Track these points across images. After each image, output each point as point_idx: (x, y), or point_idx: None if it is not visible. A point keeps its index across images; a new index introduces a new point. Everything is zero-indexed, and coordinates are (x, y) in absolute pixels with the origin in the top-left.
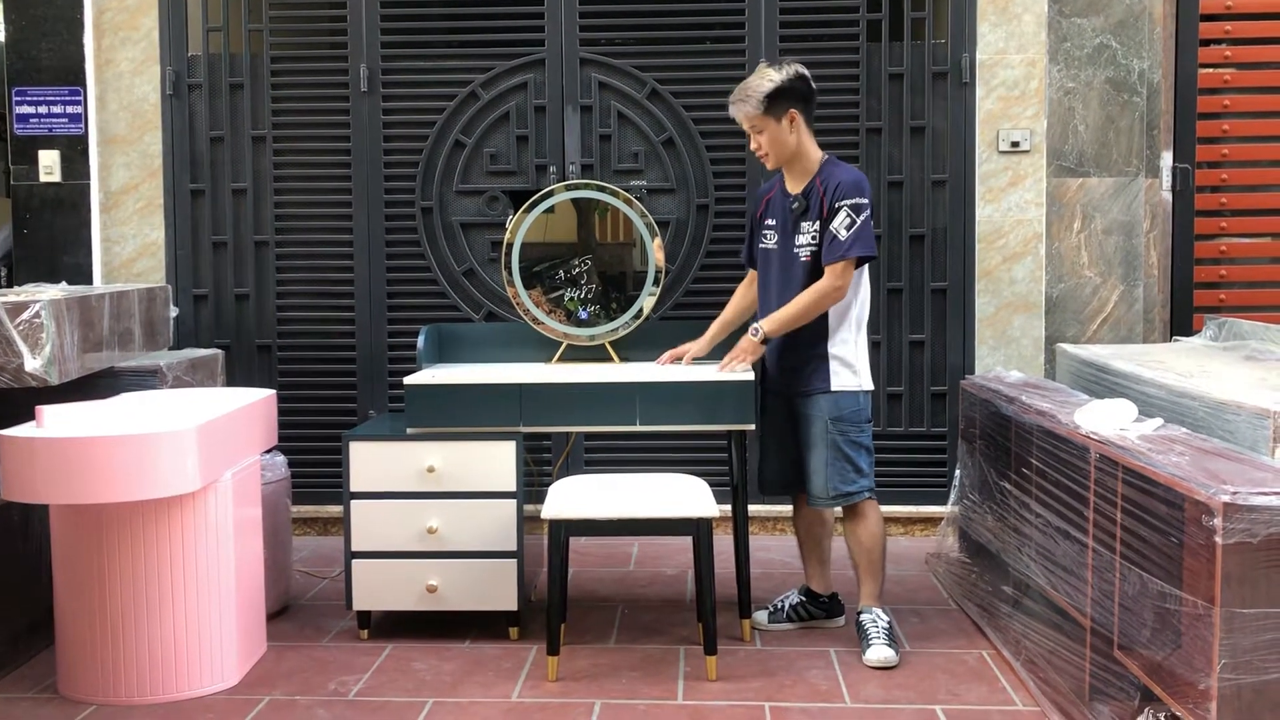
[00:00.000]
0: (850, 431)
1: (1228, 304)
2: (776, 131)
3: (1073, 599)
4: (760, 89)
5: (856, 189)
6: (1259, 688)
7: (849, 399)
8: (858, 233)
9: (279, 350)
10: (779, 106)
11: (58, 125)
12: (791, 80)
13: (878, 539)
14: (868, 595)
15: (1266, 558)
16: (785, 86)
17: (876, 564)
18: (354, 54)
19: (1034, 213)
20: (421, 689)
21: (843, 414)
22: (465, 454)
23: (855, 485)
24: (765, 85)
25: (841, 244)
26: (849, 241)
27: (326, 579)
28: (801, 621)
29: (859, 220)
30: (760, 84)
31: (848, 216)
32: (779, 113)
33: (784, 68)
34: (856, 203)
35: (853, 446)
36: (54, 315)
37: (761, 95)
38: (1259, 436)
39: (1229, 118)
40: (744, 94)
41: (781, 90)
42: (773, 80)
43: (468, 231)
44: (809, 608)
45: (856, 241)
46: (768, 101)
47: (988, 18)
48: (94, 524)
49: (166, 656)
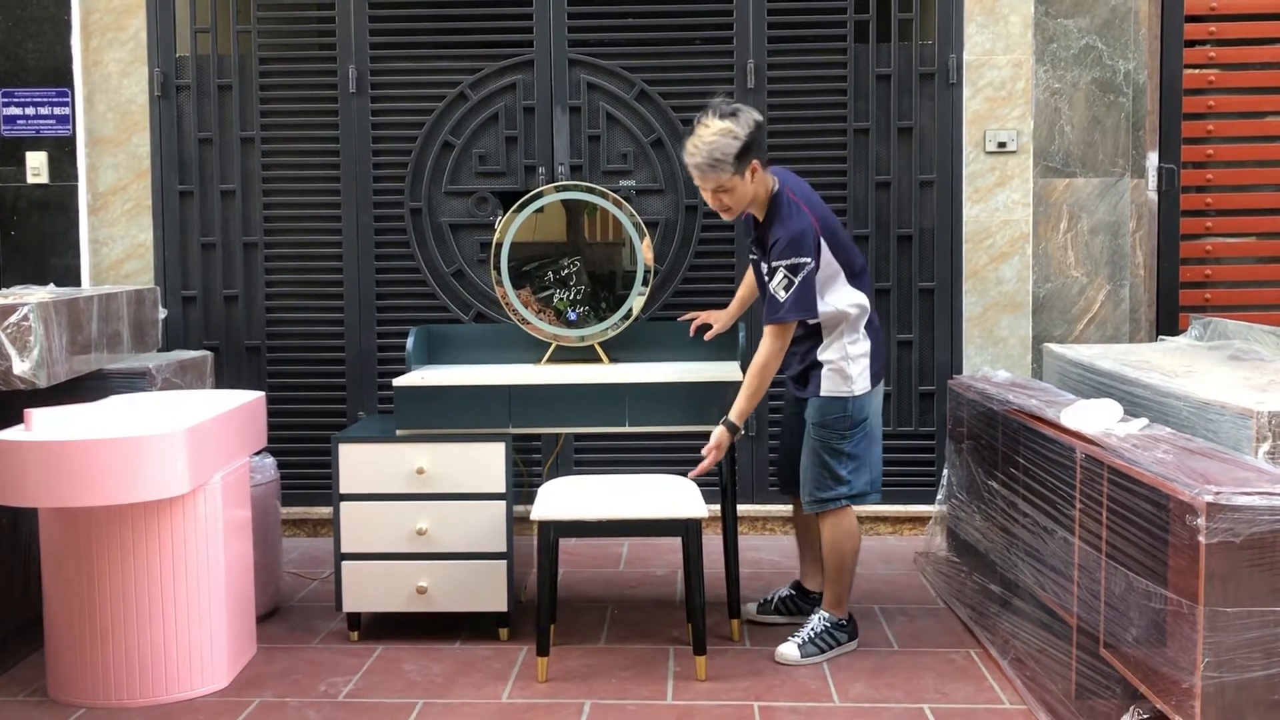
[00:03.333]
0: (831, 439)
1: (1213, 303)
2: (742, 186)
3: (1059, 598)
4: (730, 150)
5: (793, 248)
6: (1242, 685)
7: (835, 404)
8: (795, 294)
9: (268, 352)
10: (744, 162)
11: (45, 127)
12: (753, 131)
13: (844, 549)
14: (827, 600)
15: (1250, 557)
16: (750, 141)
17: (835, 574)
18: (342, 55)
19: (1021, 213)
20: (411, 690)
21: (825, 420)
22: (454, 455)
23: (832, 492)
24: (733, 145)
25: (779, 306)
26: (787, 304)
27: (316, 580)
28: (790, 615)
29: (796, 281)
30: (727, 145)
31: (785, 278)
32: (743, 168)
33: (740, 118)
34: (793, 263)
35: (833, 453)
36: (42, 318)
37: (732, 158)
38: (1242, 436)
39: (1214, 118)
40: (711, 159)
41: (747, 146)
42: (738, 138)
43: (457, 232)
44: (798, 602)
45: (795, 305)
46: (736, 161)
47: (975, 19)
48: (83, 527)
49: (156, 659)
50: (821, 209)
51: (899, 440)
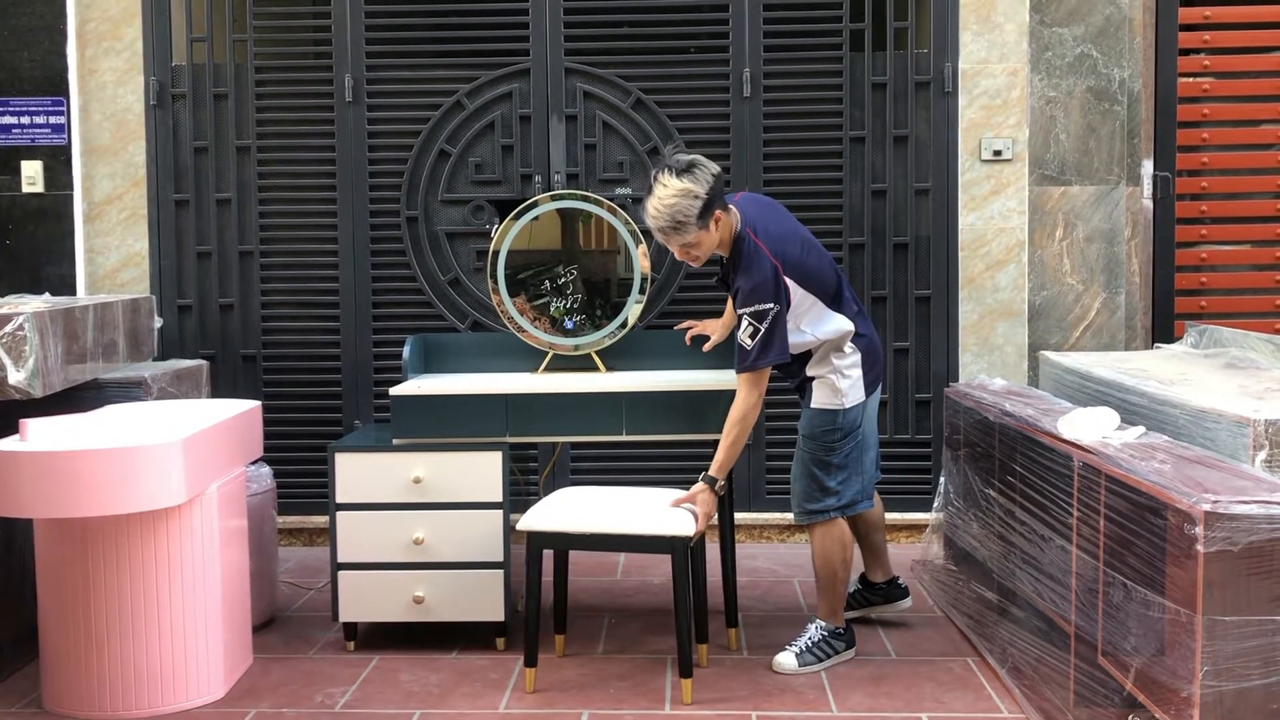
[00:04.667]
0: (819, 451)
1: (1209, 311)
2: (708, 238)
3: (1057, 606)
4: (692, 211)
5: (756, 295)
6: (1241, 694)
7: (826, 417)
8: (761, 341)
9: (264, 361)
10: (708, 216)
11: (40, 136)
12: (712, 186)
13: (831, 563)
14: (821, 609)
15: (1248, 565)
16: (711, 196)
17: (827, 585)
18: (338, 64)
19: (1016, 221)
20: (408, 700)
21: (813, 431)
22: (451, 465)
23: (820, 504)
24: (694, 206)
25: (748, 354)
26: (754, 352)
27: (312, 590)
28: (860, 608)
29: (763, 328)
30: (689, 206)
31: (750, 325)
32: (707, 222)
33: (697, 175)
34: (757, 310)
35: (821, 465)
36: (37, 327)
37: (695, 218)
38: (1239, 444)
39: (1209, 126)
40: (674, 222)
41: (708, 203)
42: (699, 197)
43: (453, 241)
44: (866, 595)
45: (762, 351)
46: (699, 219)
47: (970, 27)
48: (79, 537)
49: (152, 670)
50: (786, 242)
51: (896, 448)
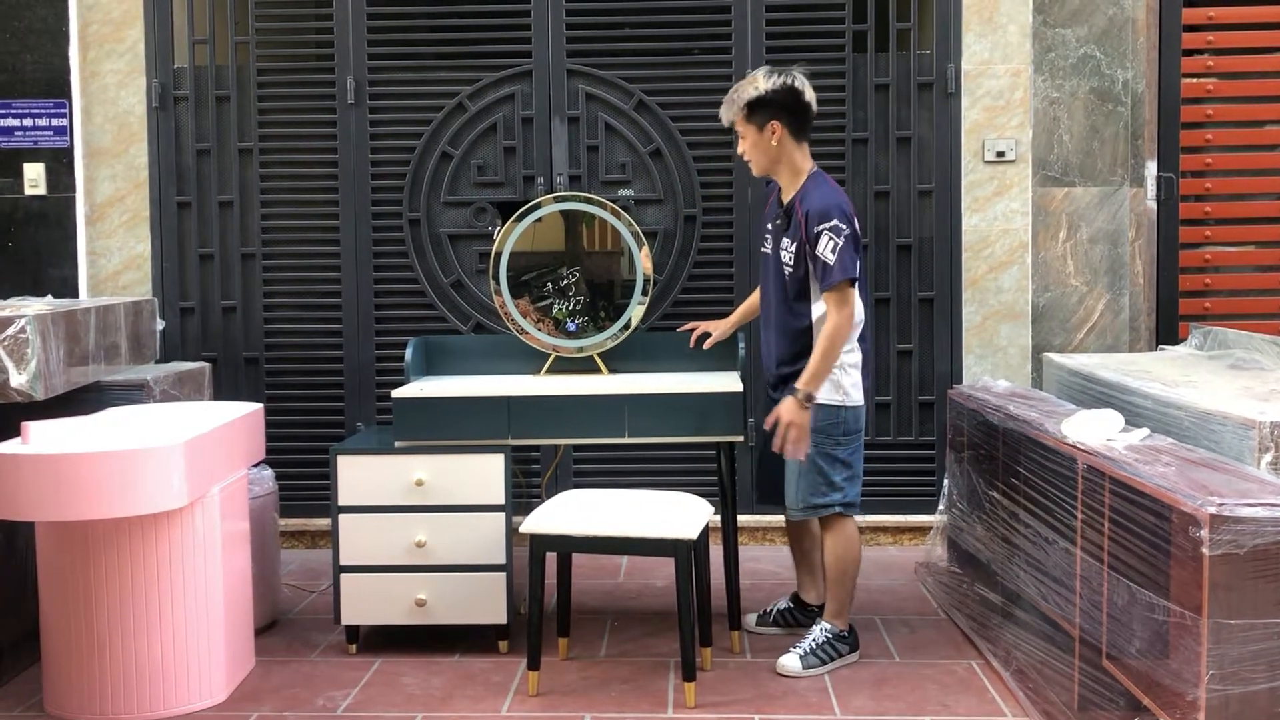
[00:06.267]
0: (824, 444)
1: (1213, 312)
2: (757, 139)
3: (1061, 609)
4: (743, 96)
5: (827, 214)
6: (1246, 698)
7: (827, 412)
8: (841, 256)
9: (266, 363)
10: (761, 115)
11: (43, 138)
12: (776, 91)
13: (845, 558)
14: (829, 610)
15: (1253, 569)
16: (768, 97)
17: (840, 581)
18: (340, 66)
19: (1020, 222)
20: (410, 703)
21: (819, 425)
22: (453, 467)
23: (826, 498)
24: (749, 93)
25: (832, 270)
26: (837, 266)
27: (315, 593)
28: (788, 627)
29: (840, 242)
30: (745, 91)
31: (830, 240)
32: (761, 121)
33: (774, 77)
34: (834, 225)
35: (826, 459)
36: (39, 330)
37: (743, 102)
38: (1245, 447)
39: (1212, 127)
40: (730, 97)
41: (764, 100)
42: (757, 89)
43: (455, 243)
44: (796, 615)
45: (843, 266)
46: (749, 109)
47: (973, 28)
48: (80, 540)
49: (154, 673)
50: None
51: (899, 450)
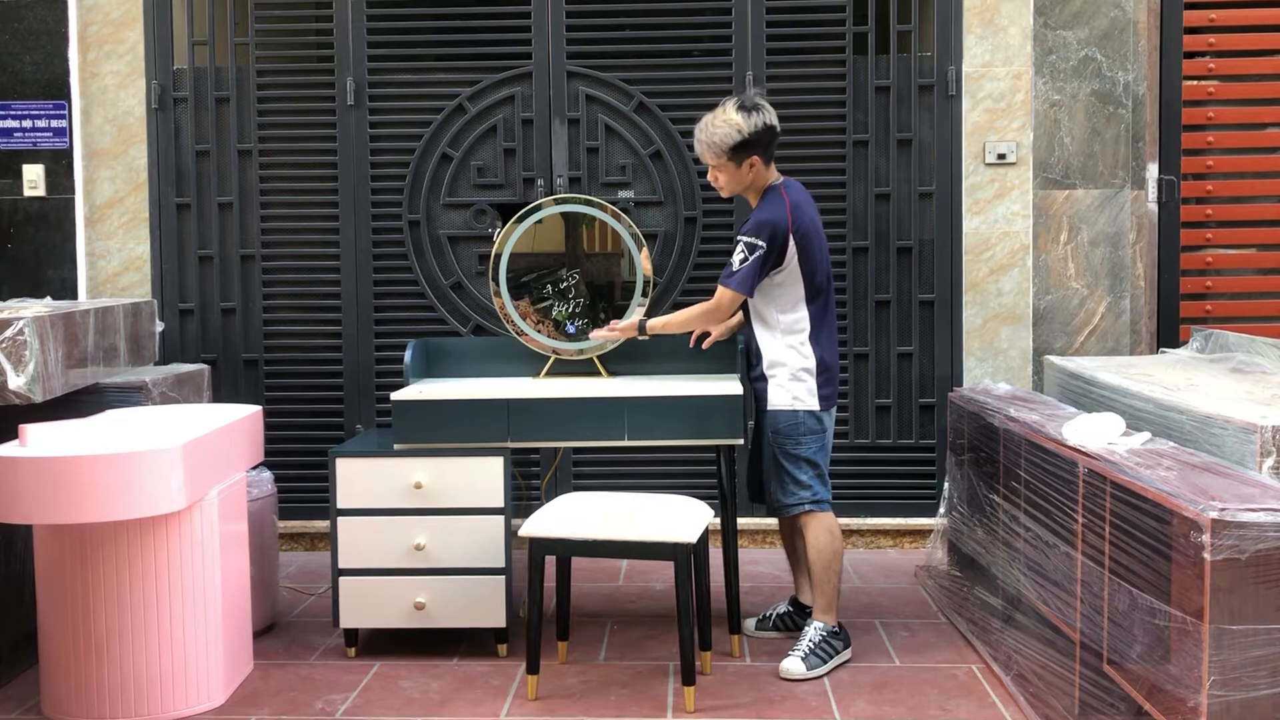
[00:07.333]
0: (786, 444)
1: (1214, 315)
2: (735, 173)
3: (1062, 613)
4: (727, 140)
5: (757, 227)
6: (1248, 704)
7: (785, 415)
8: (743, 269)
9: (265, 365)
10: (741, 155)
11: (42, 139)
12: (758, 132)
13: (824, 553)
14: (818, 607)
15: (1255, 574)
16: (750, 140)
17: (822, 577)
18: (340, 67)
19: (1021, 224)
20: (409, 707)
21: (779, 428)
22: (453, 470)
23: (794, 497)
24: (732, 137)
25: (731, 274)
26: (736, 277)
27: (313, 596)
28: (788, 631)
29: (749, 257)
30: (728, 135)
31: (742, 252)
32: (740, 159)
33: (753, 116)
34: (751, 242)
35: (790, 459)
36: (38, 332)
37: (728, 149)
38: (1246, 451)
39: (1213, 130)
40: (710, 143)
41: (747, 143)
42: (741, 133)
43: (455, 245)
44: (795, 618)
45: (742, 278)
46: (731, 151)
47: (974, 30)
48: (78, 543)
49: (152, 676)
50: (804, 212)
51: (899, 453)
